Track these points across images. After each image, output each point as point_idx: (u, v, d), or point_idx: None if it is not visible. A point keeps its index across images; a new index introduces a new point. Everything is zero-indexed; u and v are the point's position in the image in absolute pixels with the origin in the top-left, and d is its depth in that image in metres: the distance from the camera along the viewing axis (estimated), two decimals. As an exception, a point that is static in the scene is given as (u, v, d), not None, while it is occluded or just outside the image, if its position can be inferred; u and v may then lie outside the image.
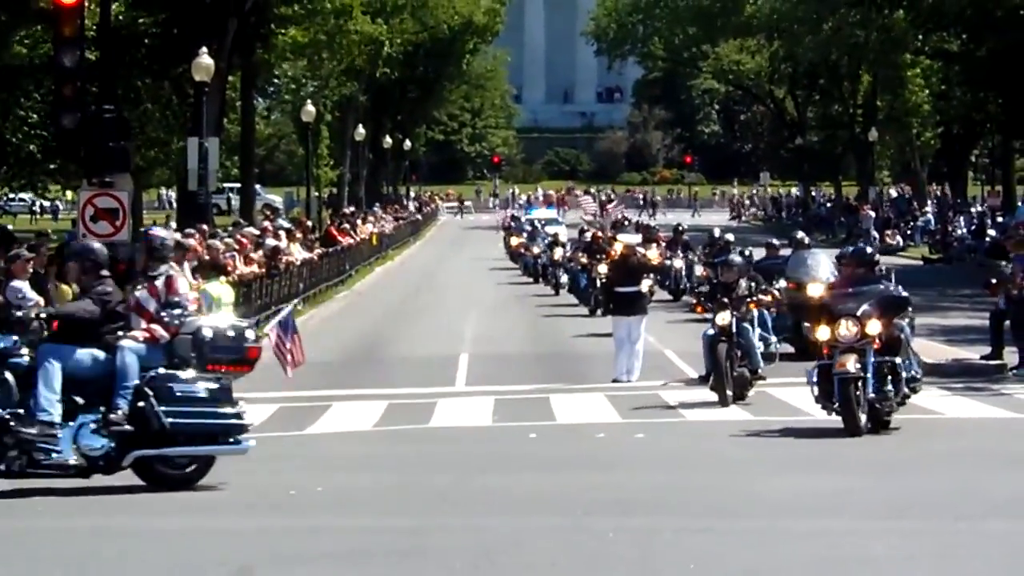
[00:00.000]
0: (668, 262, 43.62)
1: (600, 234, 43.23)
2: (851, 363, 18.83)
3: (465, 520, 13.53)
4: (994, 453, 18.14)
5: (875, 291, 19.80)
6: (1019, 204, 72.98)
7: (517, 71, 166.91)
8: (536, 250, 56.59)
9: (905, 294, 20.35)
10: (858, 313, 19.22)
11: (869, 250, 21.41)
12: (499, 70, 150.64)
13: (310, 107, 67.71)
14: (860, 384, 18.92)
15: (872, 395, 19.03)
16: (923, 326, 36.07)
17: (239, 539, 12.67)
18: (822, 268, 30.31)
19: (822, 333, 19.42)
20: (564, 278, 49.37)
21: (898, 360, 19.49)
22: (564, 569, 11.42)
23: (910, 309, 20.92)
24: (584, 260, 43.24)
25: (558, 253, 51.27)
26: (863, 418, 18.94)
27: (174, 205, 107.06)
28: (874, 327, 19.16)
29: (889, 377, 19.36)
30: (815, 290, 29.66)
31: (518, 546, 12.18)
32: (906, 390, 19.71)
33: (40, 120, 46.07)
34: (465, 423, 23.06)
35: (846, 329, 19.16)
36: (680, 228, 47.96)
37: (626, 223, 51.13)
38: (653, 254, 42.69)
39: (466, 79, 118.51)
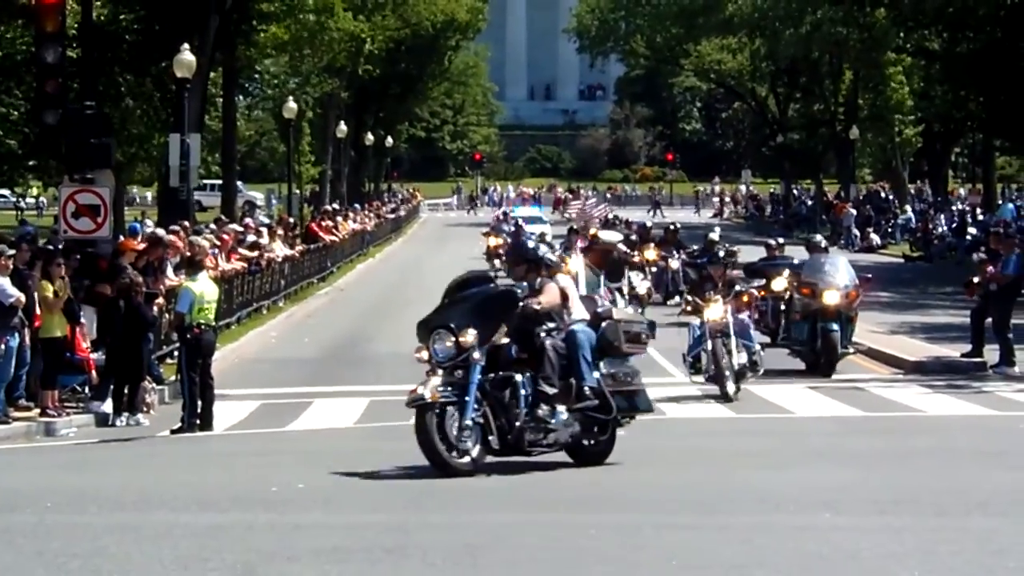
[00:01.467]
0: (662, 262, 43.12)
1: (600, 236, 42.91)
2: (428, 388, 15.68)
3: (447, 516, 13.52)
4: (975, 450, 18.18)
5: (482, 294, 16.53)
6: (999, 202, 73.16)
7: (499, 68, 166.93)
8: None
9: (518, 290, 16.66)
10: (452, 324, 16.02)
11: (526, 249, 17.35)
12: (481, 66, 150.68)
13: (292, 104, 67.66)
14: (456, 410, 15.71)
15: (468, 422, 15.69)
16: (904, 324, 36.30)
17: (220, 535, 12.64)
18: (840, 273, 28.31)
19: (424, 354, 16.29)
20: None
21: (519, 377, 16.04)
22: (546, 565, 11.42)
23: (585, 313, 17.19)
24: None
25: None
26: (467, 455, 15.71)
27: (137, 201, 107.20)
28: (470, 338, 15.87)
29: (508, 398, 15.95)
30: (831, 297, 27.63)
31: (500, 542, 12.17)
32: (543, 410, 16.06)
33: (21, 116, 45.89)
34: (447, 420, 23.01)
35: (440, 345, 16.00)
36: (674, 227, 47.10)
37: (617, 222, 50.81)
38: (651, 254, 42.57)
39: (448, 76, 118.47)
